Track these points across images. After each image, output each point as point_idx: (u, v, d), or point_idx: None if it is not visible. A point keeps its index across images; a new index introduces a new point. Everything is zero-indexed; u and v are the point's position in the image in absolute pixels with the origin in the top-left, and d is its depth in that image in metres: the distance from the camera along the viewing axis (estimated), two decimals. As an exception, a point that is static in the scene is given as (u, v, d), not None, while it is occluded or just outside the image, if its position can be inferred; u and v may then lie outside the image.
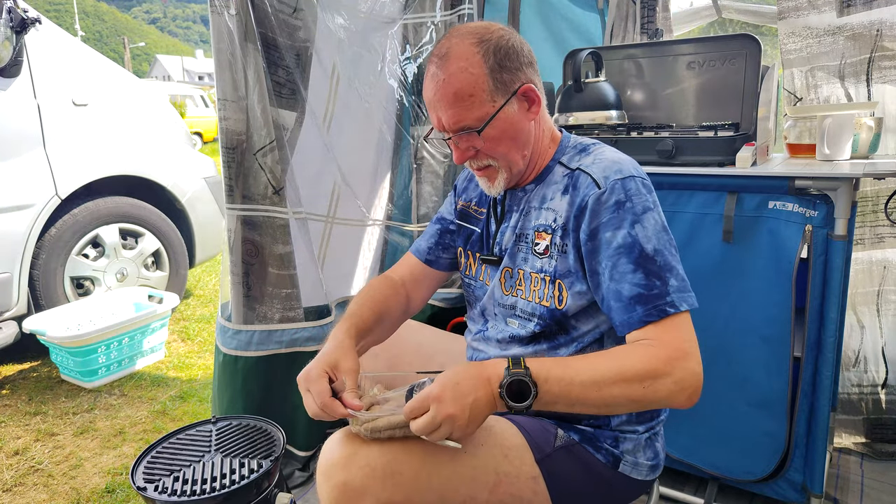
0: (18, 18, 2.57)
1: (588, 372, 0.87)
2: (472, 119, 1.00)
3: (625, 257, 0.93)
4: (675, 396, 0.87)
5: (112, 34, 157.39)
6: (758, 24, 3.33)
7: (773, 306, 1.48)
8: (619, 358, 0.89)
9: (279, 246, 1.76)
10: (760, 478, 1.58)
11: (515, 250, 1.10)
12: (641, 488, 1.11)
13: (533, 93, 1.03)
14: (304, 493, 1.83)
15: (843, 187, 1.36)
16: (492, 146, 1.02)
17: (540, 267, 1.05)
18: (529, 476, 0.99)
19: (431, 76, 1.01)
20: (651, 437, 1.09)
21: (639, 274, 0.92)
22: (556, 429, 1.06)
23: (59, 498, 1.87)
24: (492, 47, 0.99)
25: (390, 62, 2.18)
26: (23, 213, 2.66)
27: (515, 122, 1.02)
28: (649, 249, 0.93)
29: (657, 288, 0.92)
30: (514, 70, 1.01)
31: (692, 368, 0.87)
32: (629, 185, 0.97)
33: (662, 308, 0.91)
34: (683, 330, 0.90)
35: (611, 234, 0.95)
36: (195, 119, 15.15)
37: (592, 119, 1.77)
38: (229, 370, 1.76)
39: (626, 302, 0.93)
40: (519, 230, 1.10)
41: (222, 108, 1.65)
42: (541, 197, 1.08)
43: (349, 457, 0.89)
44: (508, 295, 1.11)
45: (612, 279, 0.94)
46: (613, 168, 0.99)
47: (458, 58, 0.98)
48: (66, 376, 2.69)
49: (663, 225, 0.97)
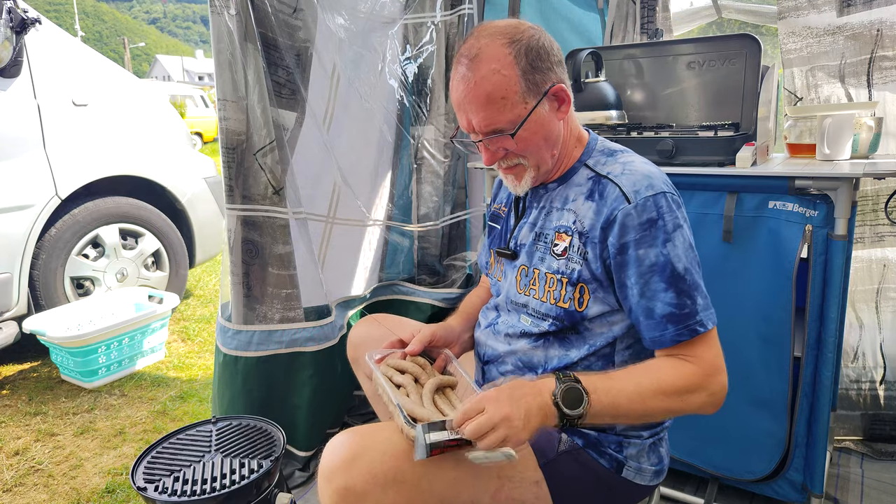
0: (18, 18, 2.57)
1: (632, 385, 0.92)
2: (504, 122, 0.99)
3: (657, 276, 0.95)
4: (706, 407, 0.96)
5: (112, 34, 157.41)
6: (758, 24, 3.32)
7: (773, 306, 1.48)
8: (659, 372, 0.94)
9: (279, 246, 1.76)
10: (760, 477, 1.58)
11: (533, 249, 1.09)
12: (644, 493, 1.10)
13: (563, 92, 1.02)
14: (304, 494, 1.83)
15: (843, 187, 1.36)
16: (523, 147, 1.02)
17: (557, 268, 1.04)
18: (532, 480, 0.99)
19: (462, 77, 0.99)
20: (655, 442, 1.09)
21: (670, 293, 0.94)
22: (560, 433, 1.06)
23: (59, 498, 1.87)
24: (523, 48, 0.98)
25: (390, 62, 2.18)
26: (23, 213, 2.66)
27: (546, 122, 1.02)
28: (680, 269, 0.95)
29: (688, 307, 0.94)
30: (546, 70, 1.00)
31: (723, 382, 0.96)
32: (661, 202, 0.96)
33: (693, 328, 0.94)
34: (713, 346, 0.97)
35: (643, 252, 0.95)
36: (195, 119, 15.14)
37: (592, 119, 1.76)
38: (229, 370, 1.76)
39: (658, 320, 0.95)
40: (539, 229, 1.09)
41: (222, 109, 1.65)
42: (563, 198, 1.07)
43: (351, 460, 0.89)
44: (521, 294, 1.11)
45: (644, 296, 0.96)
46: (644, 183, 0.98)
47: (490, 59, 0.96)
48: (66, 376, 2.69)
49: (690, 242, 0.98)
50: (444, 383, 1.10)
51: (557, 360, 1.05)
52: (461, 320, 1.28)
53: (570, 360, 1.04)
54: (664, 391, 0.92)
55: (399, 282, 2.34)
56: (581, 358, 1.04)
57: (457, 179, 2.30)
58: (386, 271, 2.33)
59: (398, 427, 0.94)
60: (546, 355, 1.07)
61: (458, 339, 1.24)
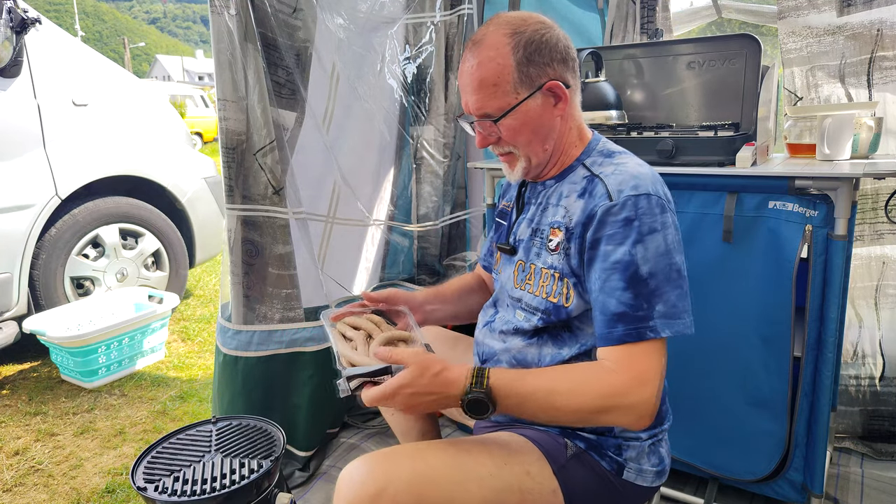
0: (18, 18, 2.57)
1: (544, 390, 0.92)
2: (492, 107, 1.02)
3: (619, 273, 0.94)
4: (622, 420, 0.92)
5: (112, 34, 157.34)
6: (758, 24, 3.32)
7: (773, 306, 1.48)
8: (578, 379, 0.93)
9: (279, 246, 1.76)
10: (760, 478, 1.58)
11: (530, 244, 1.10)
12: (647, 494, 1.10)
13: (559, 89, 1.02)
14: (304, 494, 1.83)
15: (843, 187, 1.36)
16: (511, 135, 1.04)
17: (551, 263, 1.05)
18: (550, 490, 1.00)
19: (465, 60, 1.04)
20: (654, 443, 1.09)
21: (628, 293, 0.93)
22: (564, 439, 1.06)
23: (59, 498, 1.87)
24: (523, 40, 1.00)
25: (390, 62, 2.18)
26: (23, 213, 2.66)
27: (537, 115, 1.03)
28: (644, 271, 0.93)
29: (643, 310, 0.93)
30: (543, 65, 1.01)
31: (646, 396, 0.91)
32: (641, 203, 0.95)
33: (643, 331, 0.92)
34: (652, 358, 0.93)
35: (612, 248, 0.95)
36: (195, 119, 15.15)
37: (592, 119, 1.76)
38: (229, 370, 1.76)
39: (610, 316, 0.94)
40: (535, 224, 1.11)
41: (222, 108, 1.65)
42: (559, 194, 1.08)
43: (376, 495, 0.88)
44: (517, 288, 1.12)
45: (603, 291, 0.96)
46: (630, 183, 0.97)
47: (490, 46, 1.00)
48: (66, 376, 2.69)
49: (668, 248, 0.95)
50: (395, 337, 1.11)
51: (550, 358, 1.06)
52: (428, 293, 1.32)
53: (562, 358, 1.05)
54: (577, 400, 0.91)
55: (399, 282, 2.35)
56: (573, 356, 1.04)
57: (456, 179, 2.30)
58: (386, 271, 2.33)
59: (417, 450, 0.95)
60: (540, 353, 1.07)
61: (419, 307, 1.26)
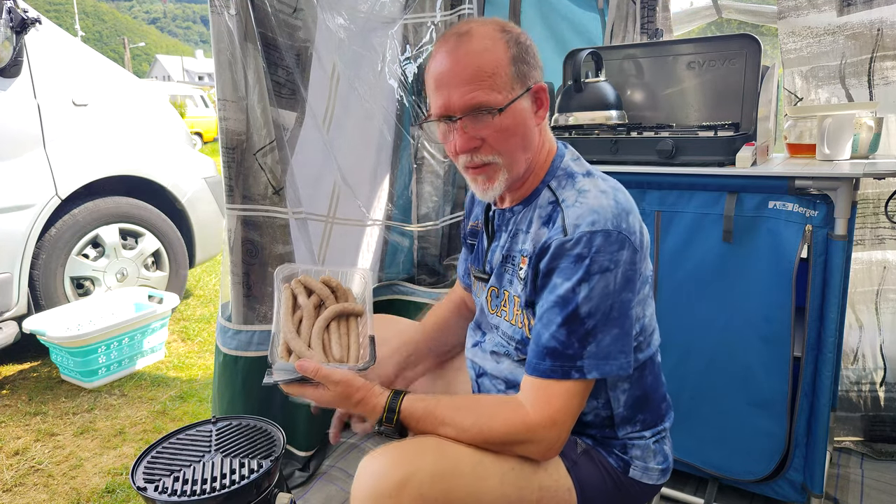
0: (18, 18, 2.57)
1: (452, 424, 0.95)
2: (490, 99, 0.94)
3: (558, 308, 0.92)
4: (528, 452, 0.95)
5: (112, 34, 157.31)
6: (758, 24, 3.32)
7: (773, 306, 1.48)
8: (487, 413, 0.96)
9: (279, 246, 1.76)
10: (760, 478, 1.58)
11: (502, 270, 1.09)
12: (652, 492, 1.11)
13: (544, 94, 1.01)
14: (304, 494, 1.83)
15: (843, 187, 1.36)
16: (501, 138, 0.96)
17: (518, 292, 1.04)
18: (565, 488, 1.00)
19: (447, 52, 0.96)
20: (658, 441, 1.09)
21: (563, 330, 0.92)
22: (573, 436, 1.05)
23: (59, 498, 1.87)
24: (514, 38, 0.98)
25: (390, 62, 2.18)
26: (23, 213, 2.66)
27: (525, 119, 0.99)
28: (583, 311, 0.91)
29: (573, 349, 0.92)
30: (532, 66, 0.99)
31: (552, 437, 0.93)
32: (596, 241, 0.91)
33: (568, 370, 0.92)
34: (570, 400, 0.93)
35: (559, 282, 0.93)
36: (195, 119, 15.15)
37: (592, 119, 1.76)
38: (229, 370, 1.76)
39: (541, 349, 0.94)
40: (506, 251, 1.08)
41: (222, 108, 1.65)
42: (528, 220, 1.05)
43: (402, 484, 0.86)
44: (494, 314, 1.11)
45: (541, 321, 0.95)
46: (588, 218, 0.93)
47: (483, 37, 0.95)
48: (66, 376, 2.69)
49: (616, 288, 0.92)
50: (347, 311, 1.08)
51: None
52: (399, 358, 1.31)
53: None
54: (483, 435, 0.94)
55: (399, 282, 2.34)
56: None
57: (456, 179, 2.30)
58: (386, 271, 2.33)
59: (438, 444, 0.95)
60: None
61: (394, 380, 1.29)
